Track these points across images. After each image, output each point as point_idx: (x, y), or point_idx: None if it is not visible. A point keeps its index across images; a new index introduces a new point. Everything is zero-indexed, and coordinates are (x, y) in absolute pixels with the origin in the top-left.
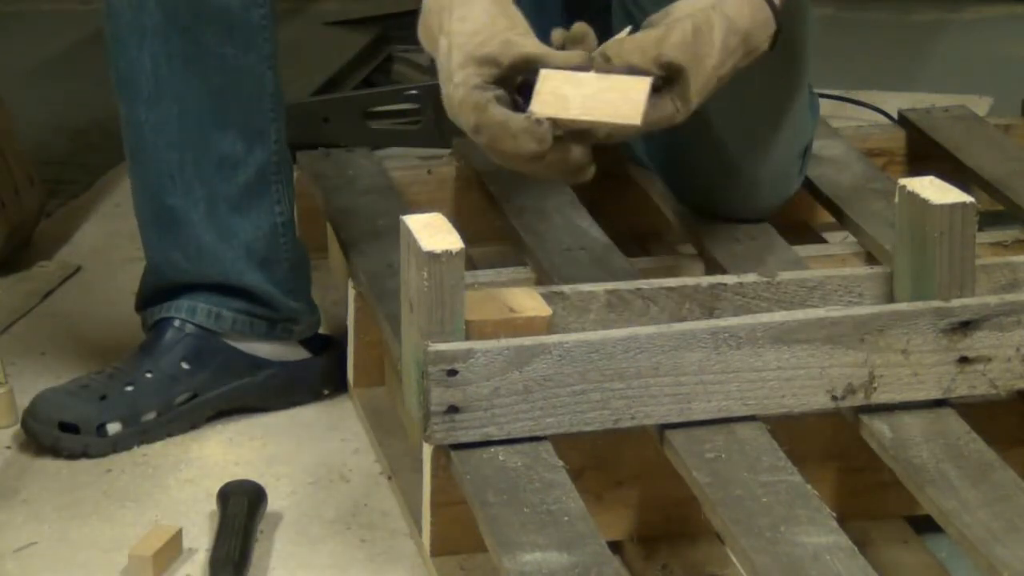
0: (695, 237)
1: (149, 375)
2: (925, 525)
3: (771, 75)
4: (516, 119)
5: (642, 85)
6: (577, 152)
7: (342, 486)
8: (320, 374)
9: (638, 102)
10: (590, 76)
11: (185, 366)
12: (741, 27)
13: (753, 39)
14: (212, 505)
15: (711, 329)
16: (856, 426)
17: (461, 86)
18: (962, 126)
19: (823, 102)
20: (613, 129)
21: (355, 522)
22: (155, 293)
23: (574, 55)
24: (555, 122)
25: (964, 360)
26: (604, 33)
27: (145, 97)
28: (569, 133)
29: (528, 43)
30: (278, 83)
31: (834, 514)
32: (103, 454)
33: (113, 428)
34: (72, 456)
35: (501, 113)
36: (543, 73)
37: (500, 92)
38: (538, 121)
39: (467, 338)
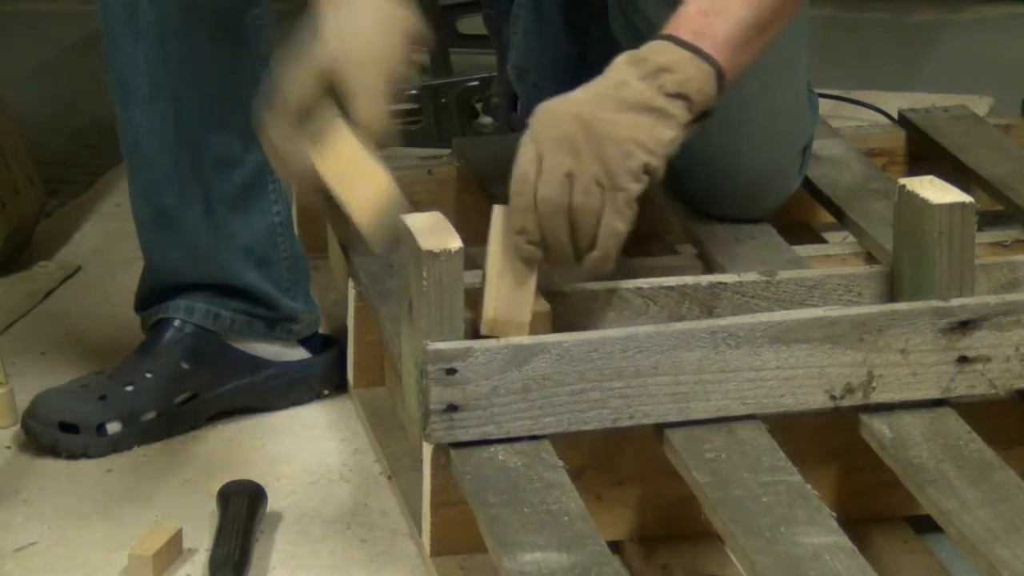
0: (695, 237)
1: (149, 375)
2: (925, 525)
3: (770, 75)
4: (291, 138)
5: (389, 192)
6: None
7: (342, 486)
8: (320, 374)
9: (373, 206)
10: (363, 149)
11: (185, 366)
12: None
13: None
14: (212, 505)
15: (710, 328)
16: (856, 426)
17: (285, 82)
18: (962, 126)
19: (823, 102)
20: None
21: (355, 522)
22: (154, 293)
23: (376, 117)
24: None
25: (963, 360)
26: (604, 36)
27: (141, 98)
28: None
29: (370, 79)
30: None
31: (834, 514)
32: (103, 454)
33: (113, 428)
34: (72, 456)
35: (286, 123)
36: (334, 119)
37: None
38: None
39: (466, 337)
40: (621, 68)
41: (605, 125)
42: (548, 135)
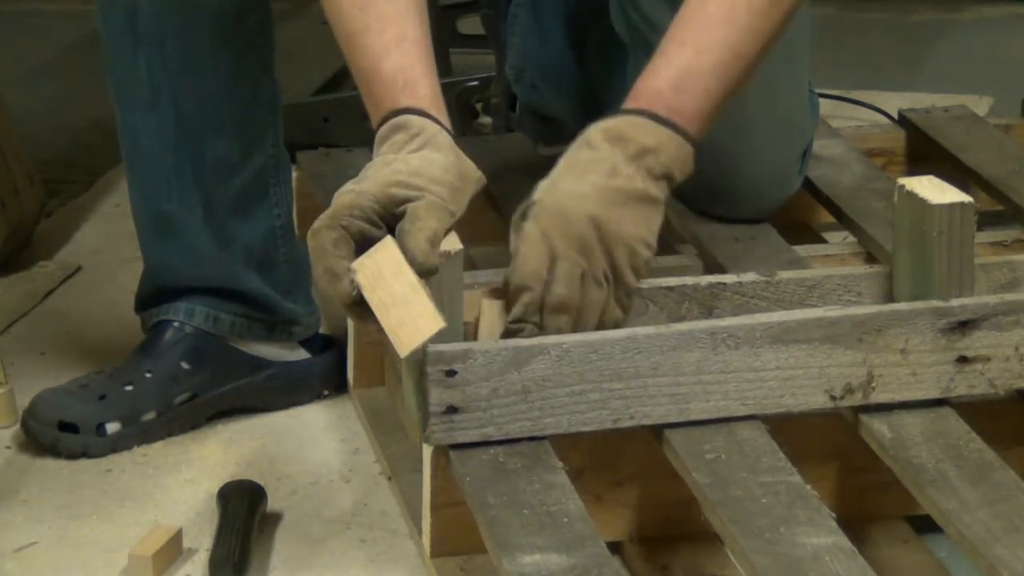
0: (695, 237)
1: (149, 375)
2: (925, 525)
3: (771, 76)
4: (336, 259)
5: (433, 324)
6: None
7: (342, 486)
8: (320, 374)
9: (415, 335)
10: (412, 276)
11: (185, 366)
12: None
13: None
14: (212, 505)
15: (709, 329)
16: (855, 426)
17: (347, 195)
18: (962, 126)
19: (823, 102)
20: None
21: (355, 522)
22: (154, 296)
23: (430, 259)
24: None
25: (963, 360)
26: (604, 38)
27: (141, 103)
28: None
29: (427, 211)
30: (275, 87)
31: (834, 514)
32: (103, 454)
33: (113, 428)
34: (72, 456)
35: (332, 243)
36: (387, 240)
37: (367, 226)
38: (351, 279)
39: (466, 339)
40: (604, 148)
41: (614, 225)
42: (560, 234)
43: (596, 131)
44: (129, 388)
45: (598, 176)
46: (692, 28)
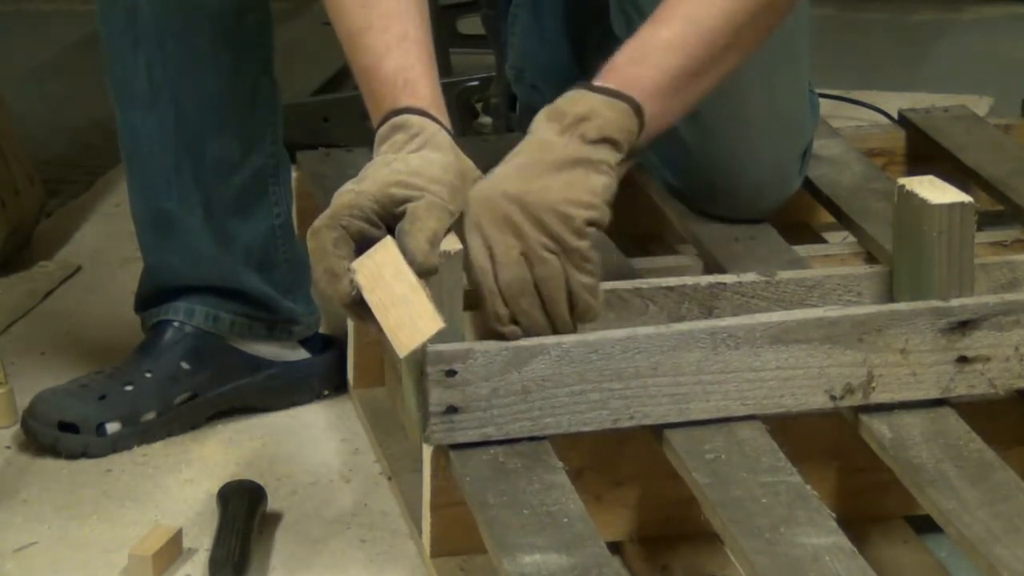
0: (695, 237)
1: (149, 375)
2: (925, 525)
3: (771, 75)
4: (336, 259)
5: (433, 324)
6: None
7: (342, 486)
8: (320, 374)
9: (415, 335)
10: (412, 277)
11: (185, 366)
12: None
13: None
14: (212, 505)
15: (709, 329)
16: (855, 426)
17: (347, 195)
18: (962, 126)
19: (823, 102)
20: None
21: (355, 522)
22: (154, 295)
23: (430, 259)
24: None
25: (963, 360)
26: (604, 38)
27: (141, 102)
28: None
29: (426, 211)
30: (275, 87)
31: (834, 514)
32: (103, 454)
33: (113, 428)
34: (72, 456)
35: (332, 243)
36: (387, 240)
37: (367, 227)
38: (350, 279)
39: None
40: (543, 127)
41: (535, 195)
42: (487, 220)
43: (540, 113)
44: (129, 388)
45: (526, 156)
46: (664, 5)
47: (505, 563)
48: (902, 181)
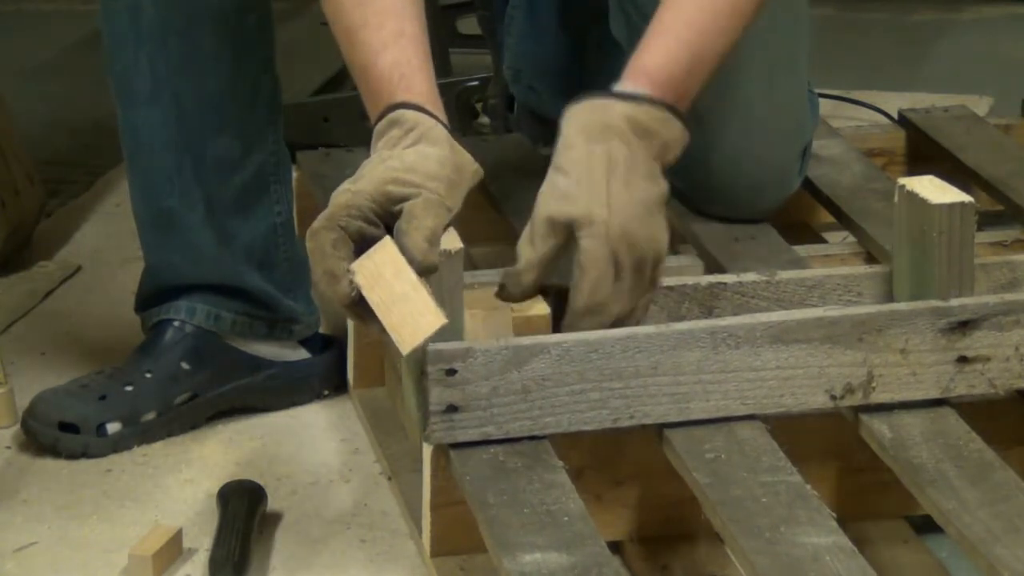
0: (695, 237)
1: (149, 375)
2: (925, 525)
3: (771, 75)
4: (335, 260)
5: (435, 321)
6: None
7: (342, 486)
8: (320, 374)
9: (417, 332)
10: (412, 275)
11: (185, 366)
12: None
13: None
14: (212, 505)
15: (710, 329)
16: (855, 426)
17: (344, 195)
18: (962, 126)
19: (823, 102)
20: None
21: (355, 522)
22: (154, 295)
23: (430, 257)
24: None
25: (963, 360)
26: (602, 38)
27: (143, 100)
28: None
29: (424, 209)
30: (276, 85)
31: (834, 514)
32: (103, 454)
33: (113, 428)
34: (72, 456)
35: (331, 244)
36: (386, 240)
37: (365, 226)
38: (350, 280)
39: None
40: (636, 145)
41: (658, 240)
42: (628, 256)
43: (621, 118)
44: (129, 388)
45: (643, 183)
46: (697, 7)
47: (505, 562)
48: (902, 181)
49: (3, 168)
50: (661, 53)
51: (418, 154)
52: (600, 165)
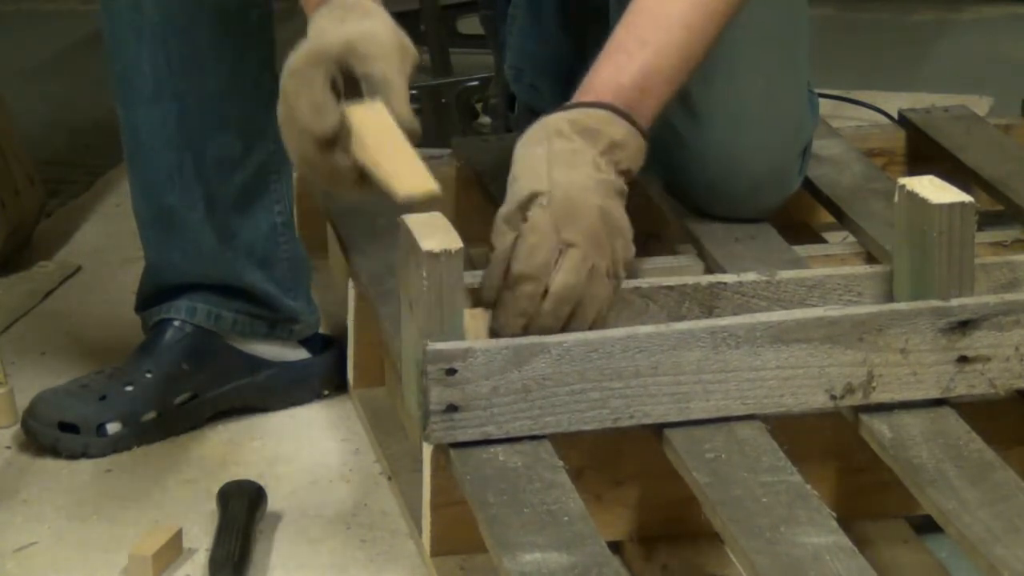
0: (695, 237)
1: (149, 375)
2: (925, 525)
3: (770, 75)
4: (323, 93)
5: (431, 185)
6: (344, 164)
7: (342, 486)
8: (320, 374)
9: (416, 184)
10: (404, 138)
11: (185, 366)
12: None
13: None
14: (212, 505)
15: (710, 328)
16: (856, 426)
17: (313, 45)
18: (962, 126)
19: (823, 102)
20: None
21: (355, 522)
22: (155, 294)
23: (410, 114)
24: (351, 135)
25: (963, 360)
26: (601, 36)
27: (144, 98)
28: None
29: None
30: (276, 83)
31: (834, 514)
32: (103, 454)
33: (113, 428)
34: (72, 456)
35: (321, 78)
36: (376, 103)
37: (337, 76)
38: (339, 115)
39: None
40: (577, 141)
41: (616, 218)
42: (575, 226)
43: (561, 121)
44: (129, 388)
45: (587, 168)
46: (653, 27)
47: (505, 562)
48: (903, 181)
49: (3, 168)
50: (609, 69)
51: (372, 24)
52: (541, 157)
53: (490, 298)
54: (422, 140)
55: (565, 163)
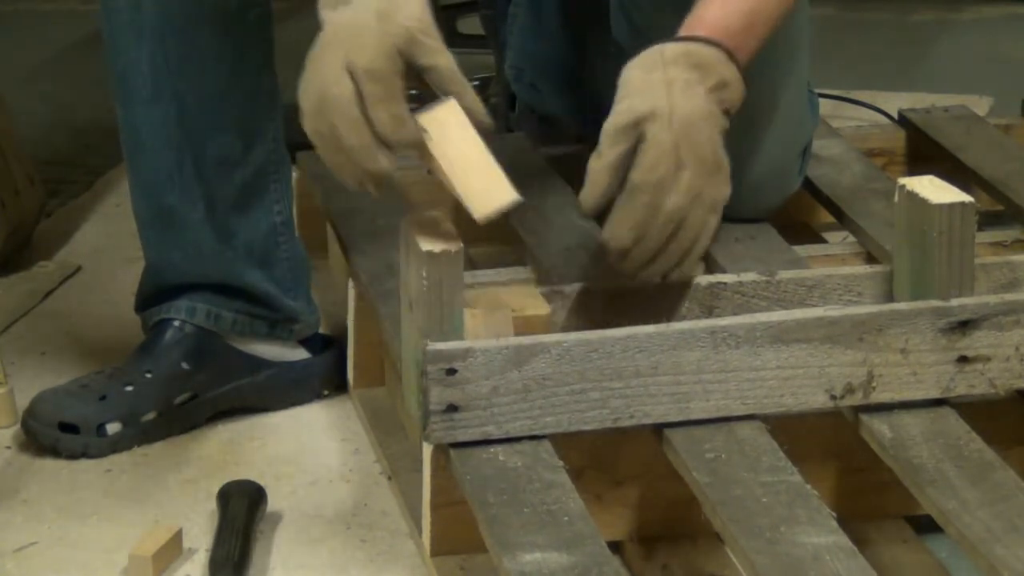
0: None
1: (149, 375)
2: (925, 525)
3: (770, 74)
4: (401, 103)
5: (508, 196)
6: (389, 169)
7: (342, 486)
8: (320, 374)
9: (491, 202)
10: (479, 140)
11: (185, 366)
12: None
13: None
14: (212, 505)
15: (710, 328)
16: (856, 426)
17: (369, 33)
18: (962, 126)
19: (823, 102)
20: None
21: (355, 522)
22: (155, 294)
23: (478, 102)
24: (420, 141)
25: (963, 360)
26: (604, 38)
27: (143, 98)
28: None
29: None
30: (275, 83)
31: (834, 514)
32: (103, 454)
33: (113, 428)
34: (72, 456)
35: (399, 86)
36: (450, 101)
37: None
38: (416, 123)
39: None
40: (692, 73)
41: (720, 154)
42: (693, 151)
43: (677, 52)
44: (129, 388)
45: (702, 100)
46: None
47: (505, 561)
48: (903, 181)
49: (3, 168)
50: (717, 7)
51: (411, 5)
52: (659, 82)
53: (595, 206)
54: None
55: (682, 90)
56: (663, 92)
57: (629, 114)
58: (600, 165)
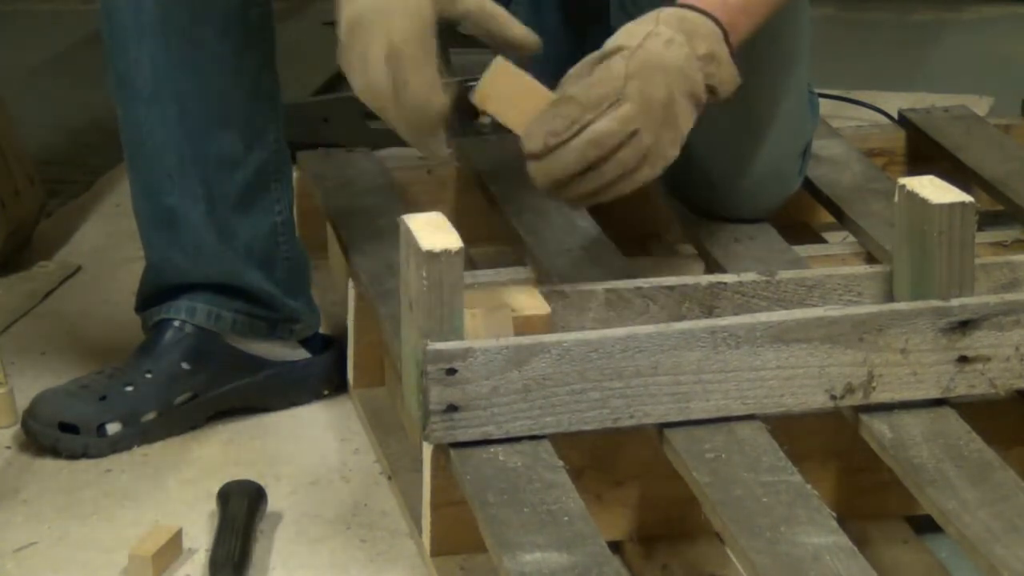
0: (695, 237)
1: (149, 375)
2: (925, 525)
3: (771, 74)
4: (434, 71)
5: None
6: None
7: (342, 486)
8: (320, 374)
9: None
10: (543, 90)
11: (185, 366)
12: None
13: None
14: (212, 505)
15: (710, 328)
16: (856, 426)
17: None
18: (962, 126)
19: (823, 102)
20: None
21: (355, 522)
22: (155, 294)
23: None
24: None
25: (963, 360)
26: (602, 34)
27: (144, 97)
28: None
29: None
30: (276, 83)
31: (834, 514)
32: (103, 454)
33: (113, 428)
34: (72, 456)
35: (433, 54)
36: (499, 60)
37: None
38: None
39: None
40: (679, 37)
41: (676, 113)
42: (642, 91)
43: (673, 16)
44: (129, 388)
45: (680, 58)
46: None
47: (505, 561)
48: (903, 181)
49: (3, 168)
50: None
51: None
52: (642, 31)
53: (539, 144)
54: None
55: (663, 43)
56: (641, 36)
57: (598, 52)
58: (552, 96)
